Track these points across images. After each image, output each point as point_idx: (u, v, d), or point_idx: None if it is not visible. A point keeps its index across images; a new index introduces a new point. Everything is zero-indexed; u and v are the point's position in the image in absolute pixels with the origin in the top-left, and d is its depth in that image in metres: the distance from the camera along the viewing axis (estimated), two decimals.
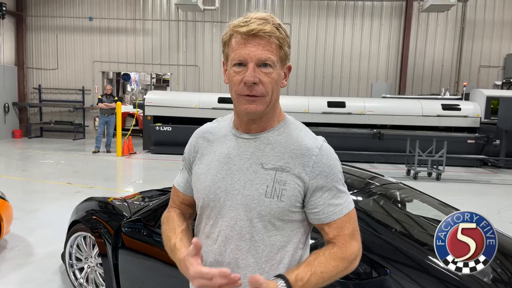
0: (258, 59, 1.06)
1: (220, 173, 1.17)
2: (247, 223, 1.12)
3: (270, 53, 1.07)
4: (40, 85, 13.83)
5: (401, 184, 2.74)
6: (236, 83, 1.09)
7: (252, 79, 1.05)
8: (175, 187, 1.36)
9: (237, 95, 1.10)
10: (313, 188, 1.12)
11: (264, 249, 1.13)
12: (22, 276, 3.49)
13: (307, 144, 1.14)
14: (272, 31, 1.06)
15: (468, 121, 10.49)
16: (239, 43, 1.07)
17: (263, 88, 1.08)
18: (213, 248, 1.17)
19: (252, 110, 1.09)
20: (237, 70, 1.08)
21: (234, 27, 1.08)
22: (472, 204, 6.44)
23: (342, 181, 1.17)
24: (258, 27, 1.05)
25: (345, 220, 1.15)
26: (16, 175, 7.79)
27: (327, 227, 1.14)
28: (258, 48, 1.06)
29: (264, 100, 1.10)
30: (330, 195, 1.13)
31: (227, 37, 1.11)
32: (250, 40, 1.06)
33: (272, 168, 1.12)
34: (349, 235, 1.14)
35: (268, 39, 1.06)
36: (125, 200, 3.22)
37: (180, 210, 1.34)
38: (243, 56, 1.06)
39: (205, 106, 10.70)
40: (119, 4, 13.39)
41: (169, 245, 1.22)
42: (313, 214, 1.14)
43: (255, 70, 1.06)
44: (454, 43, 12.96)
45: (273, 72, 1.08)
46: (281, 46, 1.09)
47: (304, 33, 13.11)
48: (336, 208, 1.14)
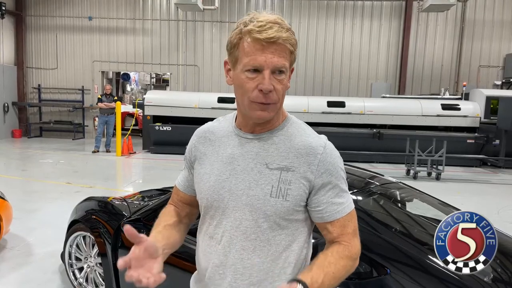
0: (275, 66, 1.05)
1: (224, 174, 1.16)
2: (253, 223, 1.12)
3: (285, 60, 1.06)
4: (39, 84, 13.82)
5: (401, 184, 2.74)
6: (249, 90, 1.07)
7: (270, 87, 1.05)
8: (176, 186, 1.37)
9: (250, 101, 1.08)
10: (318, 187, 1.12)
11: (269, 249, 1.13)
12: (21, 276, 3.48)
13: (312, 143, 1.14)
14: (288, 38, 1.05)
15: (468, 121, 10.50)
16: (254, 48, 1.04)
17: (276, 96, 1.08)
18: (217, 248, 1.16)
19: (265, 117, 1.10)
20: (250, 76, 1.06)
21: (249, 31, 1.05)
22: (472, 204, 6.44)
23: (344, 180, 1.18)
24: (277, 34, 1.03)
25: (348, 219, 1.15)
26: (16, 175, 7.78)
27: (330, 225, 1.15)
28: (274, 55, 1.04)
29: (276, 107, 1.10)
30: (333, 194, 1.14)
31: (237, 39, 1.08)
32: (268, 46, 1.03)
33: (277, 168, 1.12)
34: (352, 234, 1.16)
35: (284, 46, 1.05)
36: (124, 200, 3.22)
37: (175, 207, 1.35)
38: (260, 63, 1.04)
39: (204, 106, 10.70)
40: (118, 4, 13.38)
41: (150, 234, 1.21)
42: (316, 212, 1.14)
43: (271, 78, 1.05)
44: (454, 43, 12.97)
45: (285, 79, 1.09)
46: (293, 51, 1.08)
47: (304, 33, 13.11)
48: (339, 207, 1.14)
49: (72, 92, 13.83)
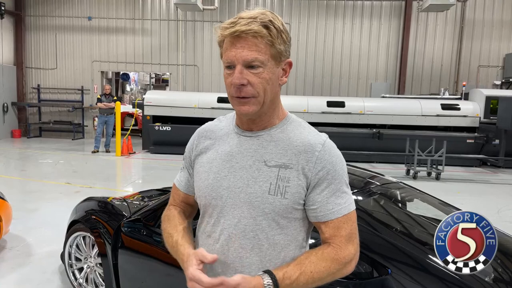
0: (244, 60, 1.05)
1: (223, 171, 1.16)
2: (251, 221, 1.11)
3: (258, 53, 1.04)
4: (39, 84, 13.81)
5: (402, 184, 2.74)
6: (228, 85, 1.10)
7: (238, 81, 1.05)
8: (175, 186, 1.36)
9: (231, 97, 1.11)
10: (314, 184, 1.10)
11: (268, 247, 1.12)
12: (21, 276, 3.48)
13: (311, 140, 1.13)
14: (259, 30, 1.03)
15: (468, 120, 10.50)
16: (227, 45, 1.07)
17: (252, 89, 1.07)
18: (215, 247, 1.16)
19: (245, 111, 1.09)
20: (228, 72, 1.09)
21: (221, 29, 1.07)
22: (472, 204, 6.44)
23: (345, 181, 1.15)
24: (242, 28, 1.03)
25: (343, 221, 1.12)
26: (15, 175, 7.78)
27: (324, 225, 1.12)
28: (243, 49, 1.04)
29: (257, 101, 1.09)
30: (329, 193, 1.11)
31: (221, 38, 1.10)
32: (235, 41, 1.05)
33: (275, 165, 1.11)
34: (345, 237, 1.11)
35: (254, 39, 1.04)
36: (124, 200, 3.21)
37: (180, 208, 1.34)
38: (231, 59, 1.06)
39: (204, 106, 10.70)
40: (118, 4, 13.37)
41: (170, 241, 1.22)
42: (311, 211, 1.13)
43: (243, 72, 1.05)
44: (453, 43, 12.97)
45: (264, 72, 1.06)
46: (273, 44, 1.06)
47: (304, 33, 13.11)
48: (335, 207, 1.11)
49: (72, 92, 13.82)
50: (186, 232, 1.24)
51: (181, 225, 1.25)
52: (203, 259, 1.07)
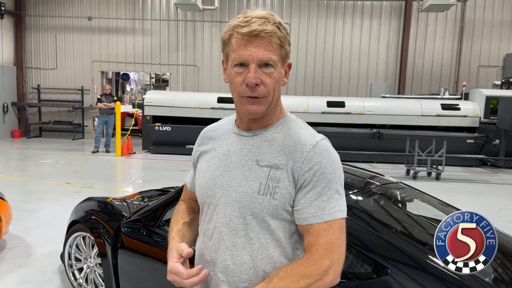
0: (260, 60, 1.05)
1: (218, 170, 1.17)
2: (241, 220, 1.11)
3: (272, 53, 1.06)
4: (39, 85, 13.81)
5: (402, 184, 2.73)
6: (237, 84, 1.08)
7: (254, 80, 1.05)
8: (185, 183, 1.43)
9: (239, 96, 1.10)
10: (299, 186, 1.08)
11: (259, 247, 1.11)
12: (21, 276, 3.48)
13: (302, 141, 1.11)
14: (274, 31, 1.05)
15: (468, 120, 10.50)
16: (240, 44, 1.06)
17: (265, 89, 1.07)
18: (209, 245, 1.17)
19: (254, 110, 1.09)
20: (238, 70, 1.07)
21: (234, 27, 1.07)
22: (472, 204, 6.44)
23: (335, 185, 1.08)
24: (259, 28, 1.03)
25: (324, 228, 1.04)
26: (15, 175, 7.78)
27: (305, 231, 1.08)
28: (259, 49, 1.05)
29: (266, 101, 1.09)
30: (314, 196, 1.06)
31: (227, 36, 1.10)
32: (252, 40, 1.05)
33: (267, 165, 1.11)
34: (322, 246, 1.03)
35: (269, 39, 1.05)
36: (124, 200, 3.21)
37: (188, 204, 1.40)
38: (245, 57, 1.05)
39: (204, 106, 10.70)
40: (118, 4, 13.38)
41: (169, 235, 1.29)
42: (295, 213, 1.09)
43: (257, 71, 1.05)
44: (454, 43, 12.97)
45: (275, 72, 1.08)
46: (282, 45, 1.08)
47: (304, 33, 13.11)
48: (317, 212, 1.05)
49: (72, 92, 13.82)
50: (184, 226, 1.30)
51: (182, 220, 1.32)
52: (182, 253, 1.12)
